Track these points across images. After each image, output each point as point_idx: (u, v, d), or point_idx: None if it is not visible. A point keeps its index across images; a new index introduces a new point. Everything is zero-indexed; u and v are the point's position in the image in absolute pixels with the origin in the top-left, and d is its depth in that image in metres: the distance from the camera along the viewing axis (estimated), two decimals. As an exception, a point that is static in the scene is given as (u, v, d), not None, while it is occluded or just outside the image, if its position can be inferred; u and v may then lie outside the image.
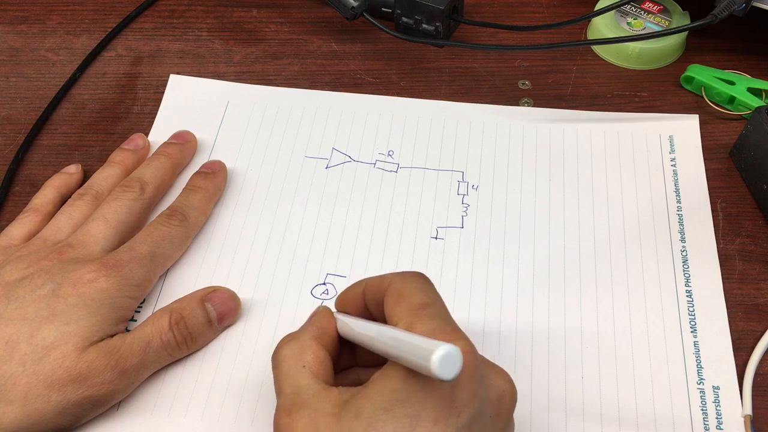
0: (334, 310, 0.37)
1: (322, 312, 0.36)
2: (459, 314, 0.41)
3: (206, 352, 0.40)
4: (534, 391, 0.39)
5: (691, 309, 0.42)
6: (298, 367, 0.33)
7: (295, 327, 0.41)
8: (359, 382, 0.36)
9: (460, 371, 0.27)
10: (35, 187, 0.46)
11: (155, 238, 0.41)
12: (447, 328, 0.31)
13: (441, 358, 0.26)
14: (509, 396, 0.32)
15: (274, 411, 0.32)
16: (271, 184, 0.47)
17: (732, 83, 0.51)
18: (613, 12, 0.54)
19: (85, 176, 0.47)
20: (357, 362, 0.37)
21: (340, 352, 0.36)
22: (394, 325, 0.32)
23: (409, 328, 0.31)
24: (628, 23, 0.54)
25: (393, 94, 0.52)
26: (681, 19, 0.54)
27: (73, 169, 0.47)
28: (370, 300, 0.35)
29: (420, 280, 0.33)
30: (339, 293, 0.37)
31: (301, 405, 0.31)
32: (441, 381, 0.27)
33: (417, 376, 0.29)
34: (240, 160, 0.48)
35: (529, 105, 0.51)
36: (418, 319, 0.31)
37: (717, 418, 0.38)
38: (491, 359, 0.40)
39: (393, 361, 0.30)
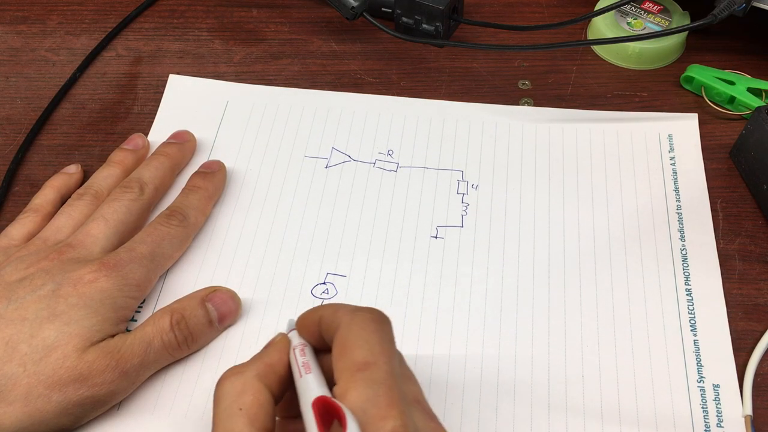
0: (295, 333, 0.34)
1: (276, 345, 0.33)
2: (459, 314, 0.41)
3: (207, 353, 0.40)
4: (534, 389, 0.39)
5: (690, 307, 0.42)
6: (235, 408, 0.30)
7: (296, 327, 0.41)
8: None
9: None
10: (35, 187, 0.46)
11: (155, 238, 0.41)
12: (381, 401, 0.28)
13: None
14: None
15: None
16: (270, 183, 0.47)
17: (732, 83, 0.51)
18: (613, 12, 0.54)
19: (85, 176, 0.47)
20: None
21: (288, 384, 0.32)
22: (335, 382, 0.30)
23: (343, 394, 0.28)
24: (628, 23, 0.54)
25: (393, 94, 0.52)
26: (681, 19, 0.54)
27: (73, 169, 0.47)
28: (324, 333, 0.32)
29: (369, 327, 0.30)
30: (302, 313, 0.34)
31: None
32: None
33: None
34: (239, 160, 0.48)
35: (529, 105, 0.51)
36: (353, 384, 0.28)
37: (717, 416, 0.38)
38: (491, 358, 0.40)
39: None
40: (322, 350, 0.33)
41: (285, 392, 0.32)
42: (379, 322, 0.31)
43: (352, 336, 0.30)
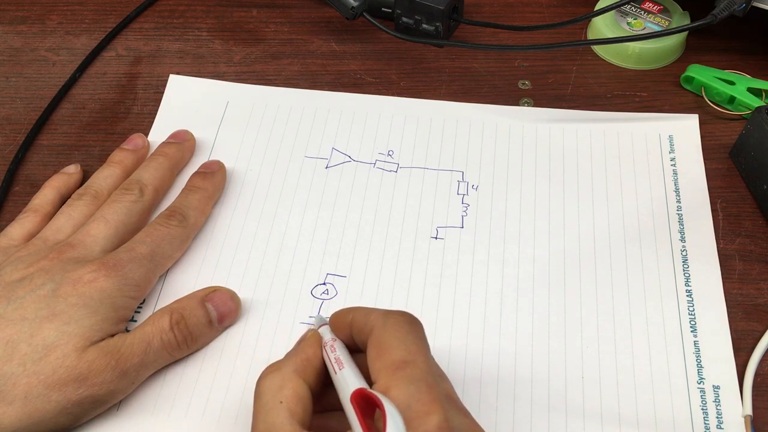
0: (327, 327, 0.36)
1: (309, 340, 0.35)
2: (459, 314, 0.41)
3: (207, 352, 0.40)
4: (534, 390, 0.39)
5: (691, 308, 0.42)
6: (275, 402, 0.31)
7: (295, 328, 0.41)
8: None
9: None
10: (35, 187, 0.46)
11: (154, 239, 0.41)
12: (424, 397, 0.29)
13: None
14: None
15: None
16: (270, 184, 0.47)
17: (732, 83, 0.51)
18: (613, 12, 0.54)
19: (85, 176, 0.47)
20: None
21: (325, 386, 0.34)
22: (374, 381, 0.31)
23: (385, 392, 0.29)
24: (628, 23, 0.54)
25: (393, 94, 0.52)
26: (681, 19, 0.54)
27: (73, 170, 0.47)
28: (356, 335, 0.34)
29: (404, 327, 0.32)
30: (336, 311, 0.36)
31: None
32: None
33: None
34: (240, 160, 0.48)
35: (529, 105, 0.51)
36: (394, 382, 0.30)
37: (717, 417, 0.38)
38: (491, 359, 0.40)
39: None
40: (353, 350, 0.34)
41: (322, 385, 0.34)
42: (411, 323, 0.32)
43: (387, 336, 0.31)
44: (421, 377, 0.30)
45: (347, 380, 0.31)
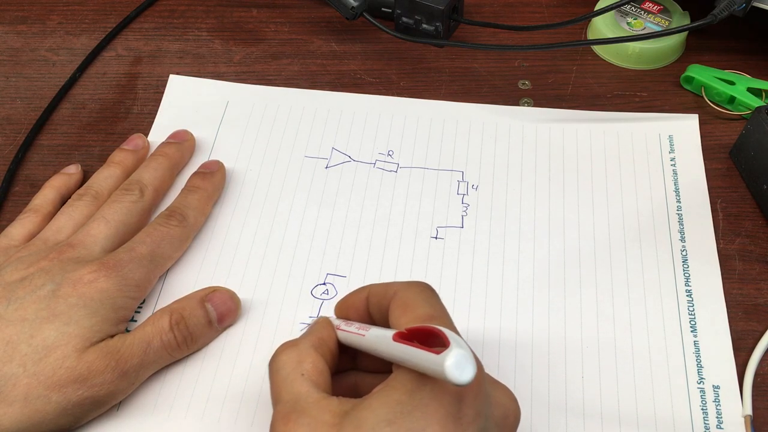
0: (333, 316, 0.37)
1: (321, 322, 0.36)
2: (459, 314, 0.41)
3: (207, 353, 0.40)
4: (534, 390, 0.39)
5: (691, 308, 0.42)
6: (297, 374, 0.32)
7: (295, 328, 0.41)
8: (357, 387, 0.36)
9: (475, 375, 0.26)
10: (35, 187, 0.46)
11: (154, 239, 0.41)
12: None
13: (456, 361, 0.26)
14: (513, 415, 0.32)
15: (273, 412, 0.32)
16: (270, 183, 0.47)
17: (732, 83, 0.51)
18: (613, 12, 0.54)
19: (85, 176, 0.47)
20: (356, 366, 0.37)
21: (338, 359, 0.35)
22: None
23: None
24: (628, 23, 0.54)
25: (393, 94, 0.52)
26: (681, 19, 0.54)
27: (73, 170, 0.47)
28: (373, 306, 0.34)
29: (427, 291, 0.33)
30: (340, 299, 0.37)
31: (301, 413, 0.30)
32: (455, 385, 0.26)
33: (423, 390, 0.29)
34: (240, 160, 0.48)
35: (529, 105, 0.51)
36: None
37: (717, 417, 0.38)
38: (492, 360, 0.40)
39: (397, 373, 0.30)
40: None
41: (335, 364, 0.34)
42: (432, 290, 0.33)
43: (413, 296, 0.32)
44: (450, 328, 0.30)
45: (380, 333, 0.31)
